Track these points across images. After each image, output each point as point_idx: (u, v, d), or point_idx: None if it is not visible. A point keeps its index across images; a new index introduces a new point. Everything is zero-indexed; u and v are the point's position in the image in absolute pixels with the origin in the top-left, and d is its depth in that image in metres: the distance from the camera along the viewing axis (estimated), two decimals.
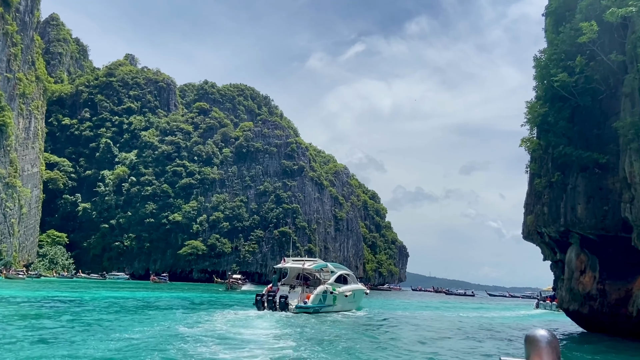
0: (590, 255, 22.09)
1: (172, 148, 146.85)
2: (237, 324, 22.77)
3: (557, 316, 45.97)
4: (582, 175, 21.66)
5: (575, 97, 22.62)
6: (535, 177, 25.04)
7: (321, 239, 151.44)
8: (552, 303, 60.87)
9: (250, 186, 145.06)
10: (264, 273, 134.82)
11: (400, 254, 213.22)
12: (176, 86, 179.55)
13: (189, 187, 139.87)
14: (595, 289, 21.75)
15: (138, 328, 18.99)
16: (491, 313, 50.85)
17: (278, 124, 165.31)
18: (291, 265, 36.92)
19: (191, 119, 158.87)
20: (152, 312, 28.94)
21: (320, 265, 37.41)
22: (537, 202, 24.13)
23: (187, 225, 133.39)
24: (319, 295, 33.44)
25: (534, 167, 25.14)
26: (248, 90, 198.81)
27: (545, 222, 23.21)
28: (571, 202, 21.88)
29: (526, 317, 47.76)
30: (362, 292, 42.68)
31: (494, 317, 43.29)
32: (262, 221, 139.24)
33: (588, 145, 21.79)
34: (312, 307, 32.58)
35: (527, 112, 24.73)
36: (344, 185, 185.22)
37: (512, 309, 69.34)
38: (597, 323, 22.39)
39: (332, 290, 34.73)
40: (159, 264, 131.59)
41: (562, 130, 22.51)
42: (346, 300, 37.02)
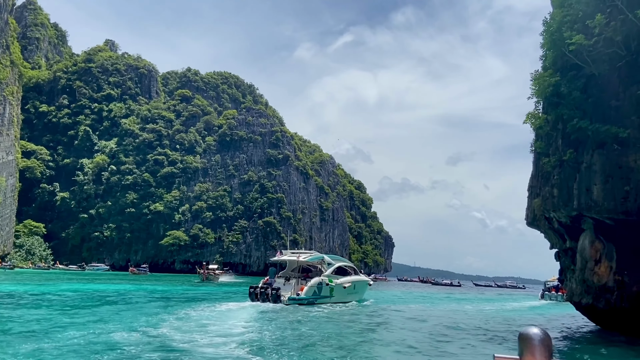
0: (606, 242, 19.66)
1: (153, 136, 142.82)
2: (210, 318, 20.20)
3: (564, 308, 44.95)
4: (599, 152, 19.14)
5: (589, 65, 20.08)
6: (541, 157, 22.52)
7: (306, 229, 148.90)
8: (557, 294, 60.81)
9: (234, 175, 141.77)
10: (248, 264, 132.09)
11: (386, 244, 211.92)
12: (158, 73, 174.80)
13: (171, 176, 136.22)
14: (613, 280, 19.33)
15: (70, 332, 15.97)
16: (497, 304, 50.17)
17: (263, 112, 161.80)
18: (286, 258, 36.76)
19: (173, 106, 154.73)
20: (107, 308, 25.98)
21: (316, 258, 37.02)
22: (544, 184, 21.62)
23: (169, 215, 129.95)
24: (313, 287, 33.21)
25: (540, 146, 22.60)
26: (232, 78, 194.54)
27: (554, 205, 20.71)
28: (586, 183, 19.37)
29: (534, 308, 46.15)
30: (364, 284, 42.07)
31: (505, 310, 41.92)
32: (246, 211, 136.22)
33: (605, 118, 19.28)
34: (306, 299, 32.39)
35: (533, 84, 22.13)
36: (330, 175, 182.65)
37: (517, 299, 67.94)
38: (614, 319, 20.02)
39: (329, 282, 34.46)
40: (140, 255, 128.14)
41: (576, 101, 19.96)
42: (345, 292, 36.55)
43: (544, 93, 20.87)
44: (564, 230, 21.60)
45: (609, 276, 19.44)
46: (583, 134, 19.57)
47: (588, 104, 20.05)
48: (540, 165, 22.22)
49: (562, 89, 20.31)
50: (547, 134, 22.17)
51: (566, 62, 21.07)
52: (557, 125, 21.44)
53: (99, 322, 18.95)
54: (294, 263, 36.95)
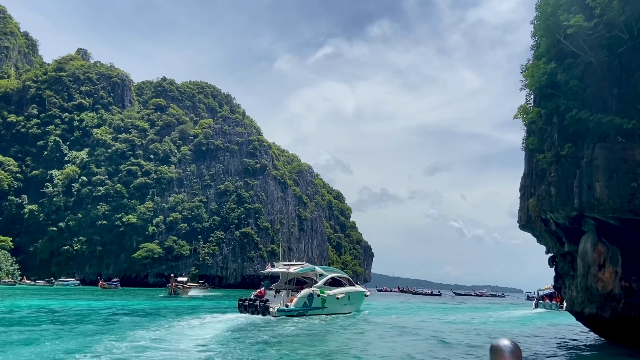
0: (610, 245, 17.84)
1: (126, 146, 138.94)
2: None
3: (560, 317, 44.41)
4: (601, 146, 17.37)
5: (586, 53, 18.38)
6: (534, 154, 20.72)
7: (285, 239, 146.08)
8: (551, 302, 60.62)
9: (210, 185, 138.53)
10: (224, 276, 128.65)
11: (365, 254, 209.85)
12: (132, 82, 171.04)
13: (145, 186, 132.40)
14: (619, 287, 17.48)
15: None
16: (492, 313, 49.74)
17: (239, 121, 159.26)
18: (277, 269, 36.59)
19: (147, 115, 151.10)
20: (52, 327, 23.26)
21: (307, 269, 36.72)
22: (540, 183, 19.78)
23: (142, 227, 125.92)
24: (303, 298, 32.83)
25: (533, 142, 20.80)
26: (209, 88, 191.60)
27: (552, 205, 18.86)
28: (587, 180, 17.56)
29: (530, 318, 44.94)
30: (360, 295, 41.61)
31: (502, 320, 41.11)
32: (223, 222, 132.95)
33: (606, 108, 17.56)
34: (296, 310, 32.11)
35: (525, 75, 20.35)
36: (308, 185, 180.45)
37: (509, 308, 66.74)
38: (621, 330, 18.15)
39: (320, 293, 34.04)
40: (111, 269, 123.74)
41: (574, 91, 18.20)
42: (339, 303, 36.20)
43: (538, 82, 19.06)
44: (562, 233, 19.73)
45: (614, 282, 17.59)
46: (583, 126, 17.81)
47: (586, 93, 18.32)
48: (534, 163, 20.41)
49: (558, 77, 18.52)
50: (540, 129, 20.40)
51: (561, 50, 19.36)
52: (551, 119, 19.67)
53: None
54: (286, 275, 36.44)
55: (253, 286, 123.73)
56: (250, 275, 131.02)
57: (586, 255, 18.10)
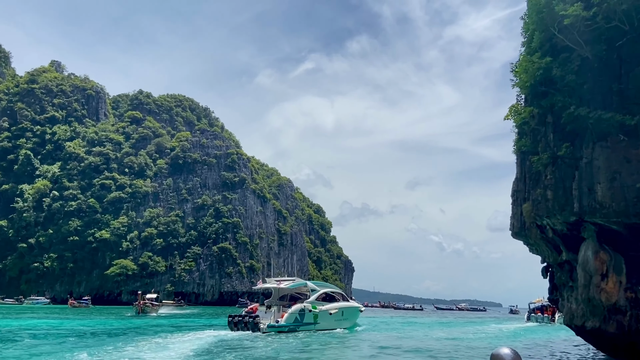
0: (612, 253, 16.44)
1: (100, 159, 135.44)
2: None
3: (554, 330, 43.87)
4: (602, 145, 16.03)
5: (582, 47, 17.15)
6: (527, 156, 19.36)
7: (264, 254, 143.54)
8: (543, 315, 60.47)
9: (186, 200, 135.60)
10: (201, 293, 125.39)
11: (346, 269, 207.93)
12: (107, 94, 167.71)
13: (119, 201, 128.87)
14: (624, 298, 16.04)
15: None
16: (485, 327, 49.74)
17: (218, 134, 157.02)
18: (268, 285, 36.22)
19: (122, 128, 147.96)
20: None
21: (298, 284, 36.33)
22: (534, 186, 18.38)
23: (116, 243, 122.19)
24: (294, 314, 32.36)
25: (525, 144, 19.43)
26: (187, 101, 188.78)
27: (548, 210, 17.44)
28: (587, 182, 16.18)
29: (526, 332, 43.78)
30: (355, 310, 41.16)
31: (504, 334, 40.29)
32: (200, 237, 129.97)
33: (605, 104, 16.28)
34: (287, 326, 31.69)
35: (516, 73, 19.04)
36: (288, 199, 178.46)
37: (502, 322, 66.10)
38: (627, 346, 16.67)
39: (312, 308, 33.56)
40: (83, 287, 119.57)
41: (571, 87, 16.90)
42: (332, 319, 35.65)
43: (532, 78, 17.69)
44: (559, 240, 18.28)
45: (619, 293, 16.13)
46: (581, 124, 16.48)
47: (583, 90, 17.03)
48: (527, 165, 19.01)
49: (554, 72, 17.19)
50: (532, 130, 19.07)
51: (555, 44, 18.09)
52: (545, 119, 18.33)
53: None
54: (278, 291, 36.11)
55: (231, 303, 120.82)
56: (228, 291, 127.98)
57: (587, 264, 16.65)
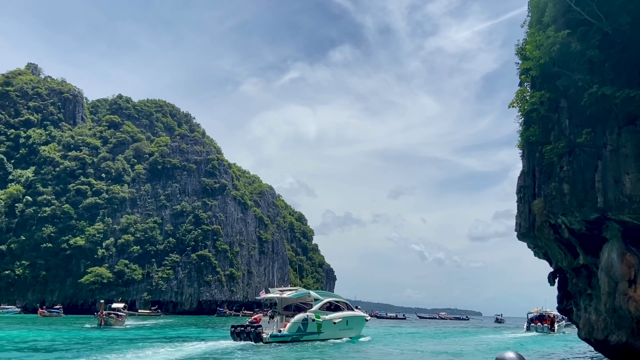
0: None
1: (76, 164, 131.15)
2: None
3: (556, 340, 43.26)
4: (630, 130, 13.88)
5: (602, 21, 15.05)
6: (536, 147, 17.14)
7: (244, 262, 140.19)
8: (543, 325, 60.73)
9: (165, 206, 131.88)
10: (179, 302, 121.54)
11: (328, 278, 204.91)
12: (84, 98, 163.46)
13: (95, 207, 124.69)
14: None
15: None
16: (483, 337, 49.20)
17: (198, 139, 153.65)
18: (271, 295, 36.14)
19: (99, 133, 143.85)
20: None
21: (301, 294, 36.17)
22: (547, 180, 16.14)
23: (91, 250, 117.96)
24: (297, 323, 32.17)
25: (534, 133, 17.21)
26: (167, 106, 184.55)
27: (565, 207, 15.20)
28: (613, 173, 13.99)
29: (529, 342, 42.86)
30: (360, 319, 40.84)
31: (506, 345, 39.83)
32: (179, 244, 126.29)
33: (631, 83, 14.13)
34: (289, 336, 31.49)
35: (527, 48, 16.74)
36: (270, 206, 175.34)
37: (501, 332, 65.75)
38: None
39: (315, 318, 33.33)
40: (56, 295, 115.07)
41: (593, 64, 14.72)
42: (336, 328, 35.42)
43: (546, 55, 15.43)
44: (576, 241, 16.04)
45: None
46: (604, 107, 14.30)
47: (605, 68, 14.88)
48: (537, 157, 16.77)
49: (572, 47, 14.99)
50: (542, 118, 16.89)
51: (570, 19, 15.95)
52: (558, 103, 16.18)
53: None
54: (281, 300, 35.81)
55: (210, 312, 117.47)
56: (207, 300, 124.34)
57: (611, 268, 14.41)
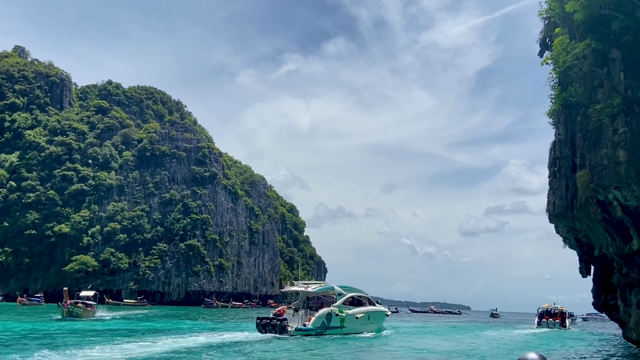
0: None
1: (62, 150, 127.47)
2: None
3: (570, 337, 42.54)
4: None
5: None
6: (577, 110, 14.47)
7: (234, 253, 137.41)
8: (555, 321, 60.20)
9: (153, 194, 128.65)
10: (167, 292, 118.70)
11: (319, 270, 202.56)
12: (72, 82, 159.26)
13: (81, 194, 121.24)
14: None
15: None
16: (495, 333, 48.56)
17: (188, 126, 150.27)
18: (295, 288, 36.80)
19: (87, 118, 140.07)
20: None
21: (326, 288, 36.71)
22: (593, 148, 13.44)
23: (76, 238, 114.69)
24: (322, 317, 32.92)
25: (575, 92, 14.50)
26: (158, 93, 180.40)
27: (619, 178, 12.53)
28: None
29: (549, 338, 42.25)
30: (381, 314, 41.72)
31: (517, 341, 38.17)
32: (167, 233, 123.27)
33: None
34: (314, 330, 32.18)
35: None
36: (261, 197, 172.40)
37: (516, 327, 65.07)
38: None
39: (339, 312, 34.22)
40: (40, 283, 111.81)
41: None
42: (358, 322, 36.31)
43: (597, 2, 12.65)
44: (630, 222, 13.39)
45: None
46: None
47: None
48: (579, 121, 14.10)
49: None
50: (585, 75, 14.25)
51: None
52: (608, 55, 13.54)
53: None
54: (304, 294, 36.25)
55: (198, 303, 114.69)
56: (195, 291, 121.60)
57: None
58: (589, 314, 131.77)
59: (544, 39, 19.42)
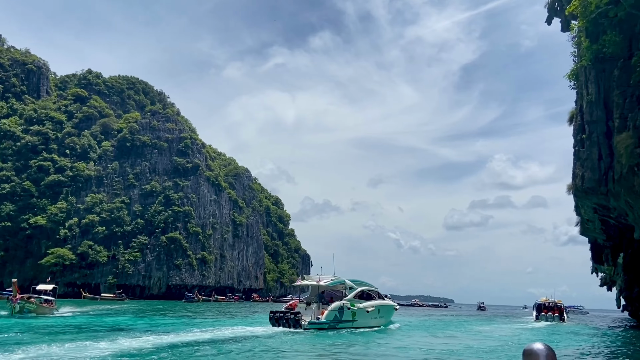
0: None
1: (38, 139, 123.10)
2: None
3: (568, 329, 42.63)
4: None
5: None
6: (612, 65, 12.16)
7: (217, 246, 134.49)
8: (553, 315, 59.59)
9: (134, 185, 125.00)
10: (147, 286, 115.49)
11: (304, 263, 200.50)
12: (50, 71, 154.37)
13: (58, 185, 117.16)
14: None
15: None
16: (495, 327, 48.24)
17: (170, 116, 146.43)
18: (307, 282, 37.31)
19: (65, 106, 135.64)
20: None
21: (337, 282, 36.88)
22: (635, 107, 11.11)
23: (53, 230, 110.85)
24: (334, 311, 33.34)
25: (609, 42, 12.14)
26: (140, 84, 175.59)
27: None
28: None
29: (550, 332, 41.83)
30: (389, 308, 42.26)
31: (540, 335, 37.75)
32: (148, 226, 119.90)
33: None
34: (327, 323, 32.70)
35: None
36: (245, 189, 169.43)
37: (513, 321, 64.67)
38: None
39: (350, 306, 34.64)
40: (15, 277, 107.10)
41: None
42: (369, 316, 36.78)
43: None
44: None
45: None
46: None
47: None
48: (616, 76, 11.77)
49: None
50: (622, 21, 11.94)
51: None
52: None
53: None
54: (316, 288, 36.67)
55: (179, 297, 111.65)
56: (176, 284, 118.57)
57: None
58: (568, 307, 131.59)
59: (552, 3, 17.03)
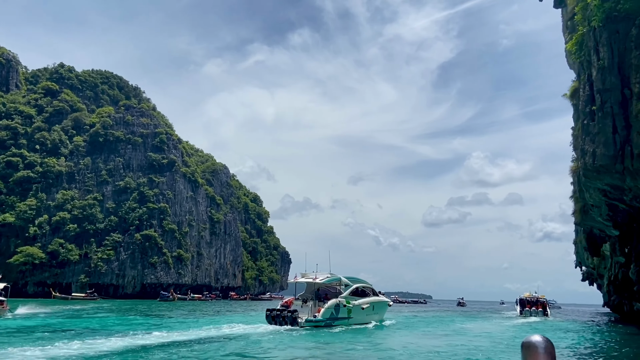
0: None
1: (7, 134, 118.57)
2: None
3: (553, 325, 43.21)
4: None
5: None
6: (629, 23, 10.55)
7: (194, 243, 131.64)
8: (537, 310, 60.12)
9: (107, 182, 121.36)
10: (121, 285, 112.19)
11: (283, 261, 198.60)
12: (20, 64, 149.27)
13: (27, 181, 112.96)
14: None
15: None
16: (483, 324, 47.90)
17: (145, 111, 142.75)
18: (303, 280, 36.89)
19: (34, 100, 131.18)
20: None
21: (333, 279, 37.02)
22: None
23: (22, 228, 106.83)
24: (330, 308, 33.40)
25: None
26: (114, 78, 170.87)
27: None
28: None
29: (537, 327, 42.77)
30: (384, 304, 42.57)
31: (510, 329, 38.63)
32: (121, 223, 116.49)
33: None
34: (323, 321, 32.57)
35: None
36: (223, 186, 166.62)
37: (502, 315, 65.75)
38: None
39: (346, 303, 34.81)
40: None
41: None
42: (364, 313, 37.15)
43: None
44: None
45: None
46: None
47: None
48: (635, 35, 10.13)
49: None
50: None
51: None
52: None
53: None
54: (313, 285, 36.62)
55: (154, 296, 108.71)
56: (151, 283, 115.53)
57: None
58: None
59: None
